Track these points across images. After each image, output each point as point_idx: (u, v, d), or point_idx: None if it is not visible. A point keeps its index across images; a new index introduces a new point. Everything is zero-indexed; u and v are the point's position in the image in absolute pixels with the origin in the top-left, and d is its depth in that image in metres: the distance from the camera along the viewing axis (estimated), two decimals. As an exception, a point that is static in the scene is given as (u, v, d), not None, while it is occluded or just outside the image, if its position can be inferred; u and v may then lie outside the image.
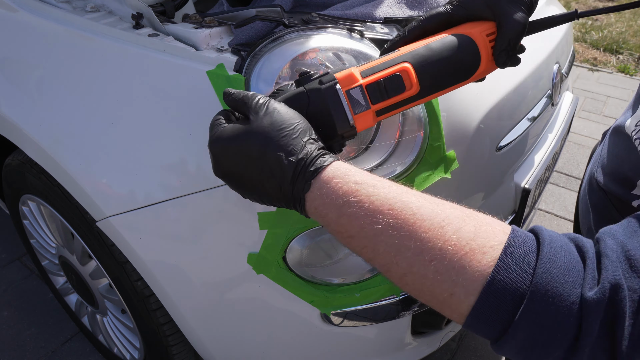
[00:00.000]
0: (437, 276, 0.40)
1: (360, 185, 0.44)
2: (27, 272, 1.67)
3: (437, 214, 0.42)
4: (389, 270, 0.43)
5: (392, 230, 0.41)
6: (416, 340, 0.99)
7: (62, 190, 0.94)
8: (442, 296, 0.40)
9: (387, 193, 0.43)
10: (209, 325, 0.89)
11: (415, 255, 0.40)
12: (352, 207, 0.43)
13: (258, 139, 0.47)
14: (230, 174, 0.50)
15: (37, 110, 0.88)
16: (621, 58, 3.83)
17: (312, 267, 0.81)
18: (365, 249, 0.43)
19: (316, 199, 0.45)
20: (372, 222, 0.42)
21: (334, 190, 0.44)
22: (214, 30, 0.79)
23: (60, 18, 0.89)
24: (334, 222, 0.44)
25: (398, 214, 0.42)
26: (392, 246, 0.41)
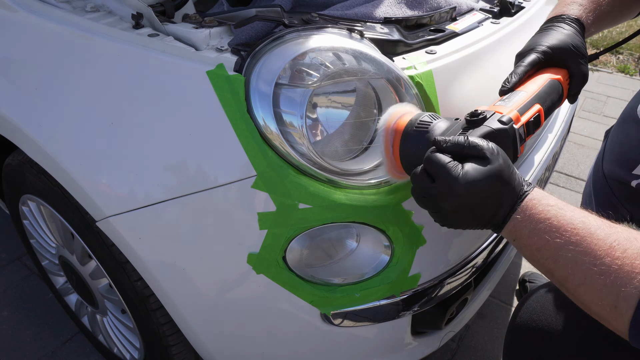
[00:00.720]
0: (604, 289, 0.48)
1: (551, 207, 0.54)
2: (27, 272, 1.67)
3: (610, 235, 0.50)
4: (566, 281, 0.52)
5: (571, 245, 0.51)
6: (416, 340, 0.99)
7: (62, 190, 0.94)
8: (609, 307, 0.48)
9: (572, 214, 0.53)
10: (209, 325, 0.89)
11: (588, 269, 0.49)
12: (543, 222, 0.53)
13: (500, 176, 0.57)
14: (463, 208, 0.58)
15: (37, 110, 0.88)
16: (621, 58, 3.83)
17: (312, 267, 0.81)
18: (548, 261, 0.53)
19: (517, 214, 0.55)
20: (555, 236, 0.52)
21: (532, 209, 0.55)
22: (214, 30, 0.79)
23: (60, 18, 0.89)
24: (526, 236, 0.54)
25: (578, 232, 0.51)
26: (570, 260, 0.51)
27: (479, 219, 0.58)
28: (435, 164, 0.58)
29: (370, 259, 0.83)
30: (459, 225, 0.60)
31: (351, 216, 0.75)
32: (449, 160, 0.58)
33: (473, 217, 0.58)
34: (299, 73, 0.72)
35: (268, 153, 0.72)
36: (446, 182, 0.57)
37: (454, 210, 0.58)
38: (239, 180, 0.73)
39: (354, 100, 0.76)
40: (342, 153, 0.78)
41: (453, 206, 0.58)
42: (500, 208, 0.56)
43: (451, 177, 0.56)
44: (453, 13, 0.98)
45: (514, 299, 1.65)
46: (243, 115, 0.71)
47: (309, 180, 0.73)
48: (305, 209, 0.73)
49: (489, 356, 1.46)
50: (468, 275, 0.95)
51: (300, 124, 0.71)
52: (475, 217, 0.58)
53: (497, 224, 0.57)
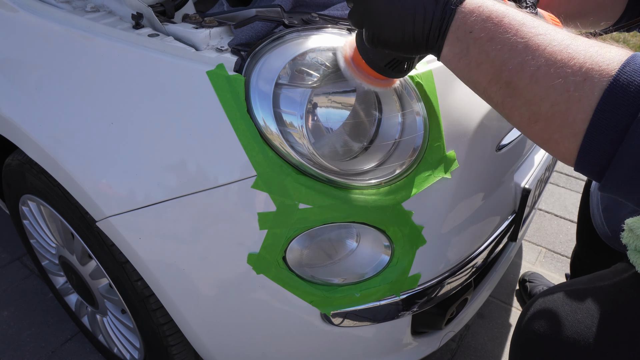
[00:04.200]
0: (571, 61, 0.42)
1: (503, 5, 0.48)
2: (27, 272, 1.67)
3: (565, 33, 0.45)
4: (523, 68, 0.45)
5: (533, 29, 0.45)
6: (416, 340, 0.99)
7: (62, 190, 0.94)
8: (574, 85, 0.42)
9: (531, 17, 0.47)
10: (209, 325, 0.89)
11: (553, 48, 0.43)
12: (498, 10, 0.47)
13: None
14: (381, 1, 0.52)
15: (37, 110, 0.88)
16: (621, 58, 3.83)
17: (312, 267, 0.81)
18: (503, 50, 0.46)
19: (465, 6, 0.49)
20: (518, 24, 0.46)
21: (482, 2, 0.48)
22: (214, 30, 0.79)
23: (60, 18, 0.89)
24: (479, 25, 0.47)
25: (540, 24, 0.46)
26: (532, 44, 0.44)
27: (409, 16, 0.51)
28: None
29: (370, 259, 0.83)
30: (391, 33, 0.52)
31: (351, 216, 0.75)
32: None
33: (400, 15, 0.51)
34: (299, 73, 0.72)
35: (268, 153, 0.72)
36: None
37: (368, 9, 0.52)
38: (239, 180, 0.73)
39: (354, 100, 0.76)
40: (342, 153, 0.78)
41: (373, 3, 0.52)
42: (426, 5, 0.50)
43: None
44: (453, 13, 0.98)
45: (513, 299, 1.65)
46: (243, 115, 0.71)
47: (309, 180, 0.73)
48: (305, 209, 0.73)
49: (489, 356, 1.46)
50: (468, 275, 0.95)
51: (300, 124, 0.71)
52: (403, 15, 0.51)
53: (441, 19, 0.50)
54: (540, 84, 0.44)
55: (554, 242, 1.92)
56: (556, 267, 1.81)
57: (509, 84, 0.46)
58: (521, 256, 1.85)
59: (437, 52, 0.52)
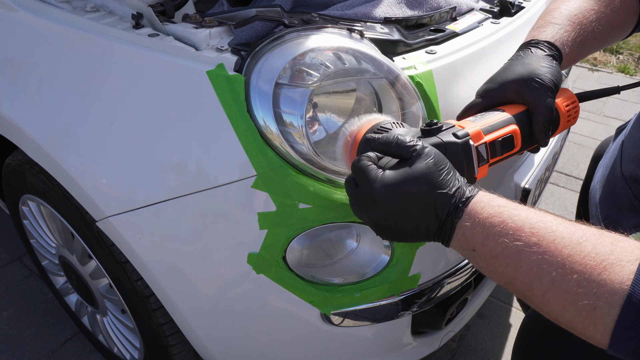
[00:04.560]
0: (578, 289, 0.42)
1: (503, 208, 0.48)
2: (27, 272, 1.67)
3: (574, 232, 0.44)
4: (532, 288, 0.45)
5: (534, 247, 0.45)
6: (416, 340, 0.99)
7: (62, 190, 0.94)
8: (585, 311, 0.42)
9: (527, 214, 0.47)
10: (209, 325, 0.89)
11: (556, 270, 0.43)
12: (497, 226, 0.47)
13: (427, 179, 0.51)
14: (389, 216, 0.53)
15: (37, 110, 0.88)
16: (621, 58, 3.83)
17: (312, 267, 0.81)
18: (508, 268, 0.46)
19: (465, 221, 0.49)
20: (514, 239, 0.46)
21: (480, 213, 0.49)
22: (214, 30, 0.79)
23: (60, 18, 0.89)
24: (480, 243, 0.48)
25: (538, 232, 0.45)
26: (534, 262, 0.44)
27: (412, 228, 0.52)
28: (357, 167, 0.54)
29: (370, 259, 0.83)
30: (397, 235, 0.54)
31: (351, 216, 0.75)
32: (369, 164, 0.54)
33: (403, 226, 0.53)
34: (299, 73, 0.72)
35: (268, 153, 0.72)
36: (365, 187, 0.53)
37: (380, 218, 0.53)
38: (239, 180, 0.73)
39: (354, 100, 0.76)
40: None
41: (376, 213, 0.53)
42: (434, 216, 0.51)
43: (369, 181, 0.52)
44: (453, 13, 0.98)
45: (513, 299, 1.65)
46: (243, 115, 0.71)
47: (309, 180, 0.73)
48: (305, 209, 0.73)
49: (489, 356, 1.46)
50: (468, 275, 0.95)
51: (300, 124, 0.71)
52: (406, 226, 0.53)
53: (442, 235, 0.51)
54: (552, 305, 0.44)
55: (554, 242, 1.92)
56: (556, 267, 1.80)
57: (524, 295, 0.47)
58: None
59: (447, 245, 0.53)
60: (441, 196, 0.50)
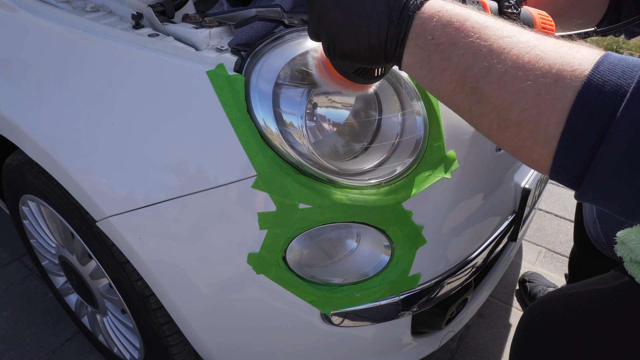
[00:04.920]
0: (540, 65, 0.39)
1: (466, 9, 0.45)
2: (27, 272, 1.67)
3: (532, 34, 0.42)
4: (489, 73, 0.42)
5: (498, 31, 0.42)
6: (416, 340, 0.99)
7: (62, 190, 0.94)
8: (545, 88, 0.38)
9: (494, 19, 0.44)
10: (209, 325, 0.89)
11: (520, 50, 0.40)
12: (460, 13, 0.44)
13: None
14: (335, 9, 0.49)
15: (37, 110, 0.88)
16: (621, 58, 3.83)
17: (312, 267, 0.81)
18: (466, 55, 0.43)
19: (425, 11, 0.46)
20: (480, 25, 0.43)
21: (442, 5, 0.45)
22: (214, 30, 0.79)
23: (60, 18, 0.89)
24: (440, 31, 0.44)
25: (504, 26, 0.43)
26: (496, 46, 0.42)
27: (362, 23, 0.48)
28: None
29: (370, 259, 0.83)
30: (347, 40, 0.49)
31: (351, 216, 0.75)
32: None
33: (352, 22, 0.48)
34: (299, 73, 0.72)
35: (268, 153, 0.72)
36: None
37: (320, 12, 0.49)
38: (239, 180, 0.73)
39: (354, 100, 0.76)
40: (342, 153, 0.78)
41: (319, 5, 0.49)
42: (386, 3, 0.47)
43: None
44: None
45: (513, 299, 1.65)
46: (243, 115, 0.71)
47: (309, 180, 0.73)
48: (305, 209, 0.73)
49: (489, 356, 1.46)
50: (468, 275, 0.95)
51: (300, 124, 0.71)
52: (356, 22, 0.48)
53: (397, 27, 0.47)
54: (508, 88, 0.41)
55: (553, 242, 1.92)
56: (556, 267, 1.81)
57: (474, 90, 0.43)
58: (521, 256, 1.85)
59: (398, 61, 0.49)
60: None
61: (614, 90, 0.36)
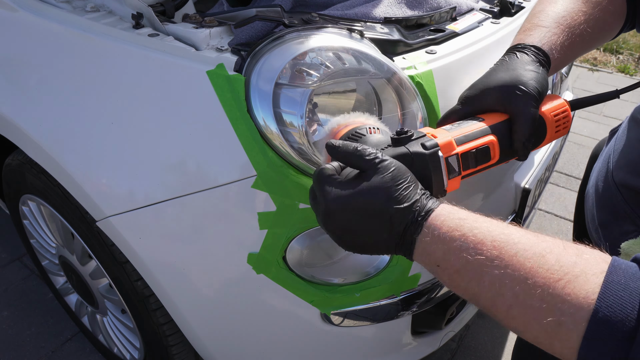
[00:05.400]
0: (542, 304, 0.40)
1: (463, 220, 0.46)
2: (27, 272, 1.67)
3: (537, 244, 0.43)
4: (495, 304, 0.43)
5: (495, 260, 0.43)
6: (416, 340, 0.99)
7: (62, 190, 0.94)
8: (551, 327, 0.40)
9: (489, 226, 0.45)
10: (209, 325, 0.89)
11: (520, 285, 0.41)
12: (457, 240, 0.45)
13: (382, 194, 0.49)
14: (345, 229, 0.51)
15: (37, 110, 0.88)
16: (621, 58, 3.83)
17: (312, 267, 0.81)
18: (471, 283, 0.45)
19: (426, 236, 0.47)
20: (476, 253, 0.44)
21: (440, 227, 0.47)
22: (214, 30, 0.79)
23: (60, 18, 0.89)
24: (441, 258, 0.46)
25: (500, 245, 0.43)
26: (497, 277, 0.43)
27: (371, 243, 0.51)
28: (316, 177, 0.52)
29: (370, 259, 0.83)
30: (357, 248, 0.53)
31: (351, 216, 0.75)
32: (328, 174, 0.52)
33: (361, 240, 0.51)
34: (299, 73, 0.72)
35: (268, 153, 0.72)
36: (320, 198, 0.51)
37: (336, 231, 0.52)
38: (239, 180, 0.73)
39: (354, 100, 0.76)
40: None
41: (332, 226, 0.52)
42: (391, 231, 0.49)
43: (324, 192, 0.51)
44: (453, 13, 0.98)
45: (514, 299, 1.65)
46: (243, 115, 0.71)
47: (309, 180, 0.73)
48: (305, 209, 0.73)
49: (489, 356, 1.46)
50: (468, 275, 0.95)
51: (300, 124, 0.71)
52: (364, 240, 0.51)
53: (403, 249, 0.50)
54: (517, 321, 0.42)
55: (554, 242, 1.92)
56: (556, 267, 1.80)
57: (489, 310, 0.45)
58: (521, 256, 1.85)
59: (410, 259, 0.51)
60: (397, 211, 0.48)
61: (619, 333, 0.37)
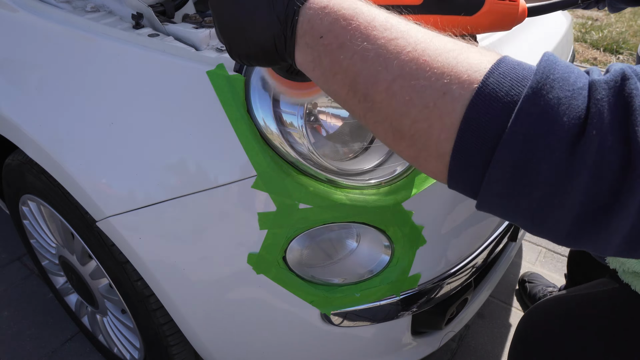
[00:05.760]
0: (430, 74, 0.36)
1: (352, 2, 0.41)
2: (27, 272, 1.67)
3: (434, 34, 0.39)
4: (377, 81, 0.38)
5: (386, 32, 0.38)
6: (416, 340, 0.99)
7: (62, 190, 0.94)
8: (433, 100, 0.35)
9: (387, 14, 0.41)
10: (209, 325, 0.89)
11: (407, 55, 0.37)
12: (348, 9, 0.40)
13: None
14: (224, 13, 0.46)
15: (37, 110, 0.88)
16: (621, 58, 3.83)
17: (312, 267, 0.81)
18: (354, 59, 0.39)
19: (310, 5, 0.42)
20: (367, 24, 0.39)
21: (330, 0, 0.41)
22: (214, 30, 0.79)
23: (60, 18, 0.89)
24: (326, 29, 0.41)
25: (394, 20, 0.40)
26: (383, 48, 0.38)
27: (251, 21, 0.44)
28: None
29: (370, 259, 0.83)
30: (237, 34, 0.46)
31: (351, 216, 0.75)
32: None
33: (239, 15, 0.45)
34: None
35: (268, 153, 0.72)
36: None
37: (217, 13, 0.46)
38: (239, 180, 0.73)
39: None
40: (342, 153, 0.78)
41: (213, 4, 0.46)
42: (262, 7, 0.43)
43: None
44: (453, 13, 0.98)
45: (513, 299, 1.65)
46: (243, 115, 0.71)
47: (309, 180, 0.73)
48: (305, 209, 0.73)
49: (489, 356, 1.46)
50: (468, 275, 0.95)
51: (300, 124, 0.71)
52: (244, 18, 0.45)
53: (287, 28, 0.43)
54: (397, 98, 0.37)
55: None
56: (556, 267, 1.81)
57: (366, 96, 0.40)
58: (521, 256, 1.85)
59: (292, 60, 0.45)
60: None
61: (504, 104, 0.33)
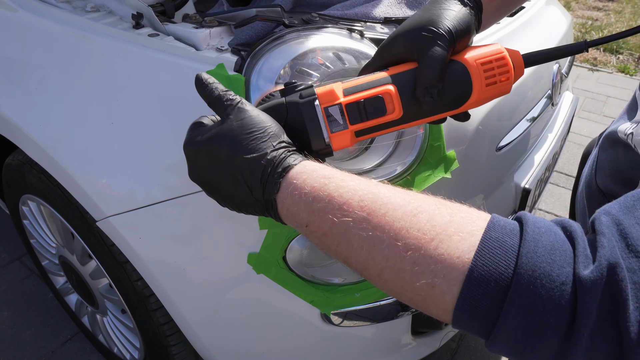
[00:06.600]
0: (414, 267, 0.37)
1: (328, 179, 0.42)
2: (27, 272, 1.67)
3: (408, 203, 0.40)
4: (367, 268, 0.40)
5: (363, 222, 0.39)
6: (416, 340, 0.99)
7: (62, 190, 0.94)
8: (424, 290, 0.37)
9: (356, 185, 0.42)
10: (209, 325, 0.89)
11: (389, 247, 0.38)
12: (321, 201, 0.41)
13: (227, 142, 0.45)
14: (203, 179, 0.49)
15: (37, 110, 0.88)
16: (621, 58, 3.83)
17: (312, 267, 0.81)
18: (340, 247, 0.41)
19: (286, 198, 0.43)
20: (342, 215, 0.40)
21: (302, 187, 0.43)
22: (214, 30, 0.79)
23: (60, 18, 0.89)
24: (306, 220, 0.42)
25: (368, 205, 0.40)
26: (365, 240, 0.39)
27: (234, 198, 0.47)
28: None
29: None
30: (227, 204, 0.49)
31: (351, 216, 0.75)
32: (198, 121, 0.50)
33: (226, 194, 0.48)
34: (299, 73, 0.72)
35: (268, 153, 0.72)
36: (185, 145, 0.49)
37: (197, 179, 0.49)
38: (239, 180, 0.73)
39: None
40: (342, 153, 0.78)
41: (192, 174, 0.49)
42: (245, 186, 0.45)
43: (186, 139, 0.49)
44: (453, 13, 0.98)
45: (514, 299, 1.65)
46: (243, 115, 0.71)
47: (309, 180, 0.73)
48: (306, 209, 0.73)
49: (489, 356, 1.46)
50: (468, 275, 0.95)
51: (300, 124, 0.71)
52: (228, 195, 0.48)
53: (265, 208, 0.45)
54: (390, 284, 0.40)
55: (554, 242, 1.92)
56: (556, 267, 1.80)
57: (362, 274, 0.42)
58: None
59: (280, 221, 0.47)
60: (243, 162, 0.44)
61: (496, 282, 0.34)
